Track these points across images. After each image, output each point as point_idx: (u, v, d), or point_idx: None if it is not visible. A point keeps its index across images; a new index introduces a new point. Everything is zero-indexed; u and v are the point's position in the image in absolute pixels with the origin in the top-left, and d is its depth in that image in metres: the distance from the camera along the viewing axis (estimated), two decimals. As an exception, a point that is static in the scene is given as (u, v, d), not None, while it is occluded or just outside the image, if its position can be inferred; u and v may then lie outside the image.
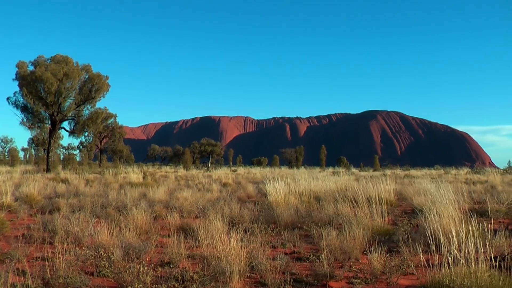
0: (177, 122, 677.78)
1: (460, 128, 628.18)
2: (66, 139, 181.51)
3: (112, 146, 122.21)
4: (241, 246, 9.73)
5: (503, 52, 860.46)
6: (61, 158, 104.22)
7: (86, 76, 75.00)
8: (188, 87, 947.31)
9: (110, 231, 12.17)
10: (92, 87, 74.76)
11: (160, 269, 9.57)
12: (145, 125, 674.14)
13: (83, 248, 11.23)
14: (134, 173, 43.57)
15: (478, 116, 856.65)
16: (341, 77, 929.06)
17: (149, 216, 15.27)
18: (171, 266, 10.27)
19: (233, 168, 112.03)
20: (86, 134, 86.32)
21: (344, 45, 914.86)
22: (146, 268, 8.82)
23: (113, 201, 21.05)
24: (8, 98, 73.79)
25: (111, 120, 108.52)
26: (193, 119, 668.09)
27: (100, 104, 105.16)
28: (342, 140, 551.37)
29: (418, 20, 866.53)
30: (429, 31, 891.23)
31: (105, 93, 76.35)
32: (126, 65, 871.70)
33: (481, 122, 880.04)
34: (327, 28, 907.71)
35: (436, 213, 11.68)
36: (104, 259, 9.76)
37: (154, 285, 8.54)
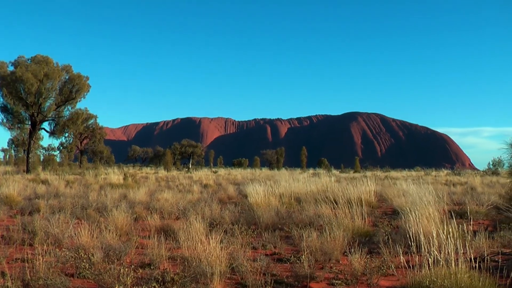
0: (158, 123, 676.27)
1: (440, 130, 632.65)
2: (46, 140, 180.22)
3: (92, 147, 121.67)
4: (221, 248, 9.73)
5: (484, 54, 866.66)
6: (41, 159, 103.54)
7: (67, 77, 74.63)
8: (169, 88, 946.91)
9: (90, 233, 12.12)
10: (72, 87, 74.41)
11: (140, 271, 9.54)
12: (126, 126, 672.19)
13: (63, 249, 11.15)
14: (114, 174, 43.50)
15: (458, 118, 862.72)
16: (322, 79, 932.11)
17: (129, 218, 15.22)
18: (152, 267, 10.25)
19: (214, 170, 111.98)
20: (67, 135, 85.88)
21: (325, 47, 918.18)
22: (126, 269, 8.78)
23: (94, 202, 21.00)
24: (-13, 99, 73.28)
25: (92, 121, 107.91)
26: (174, 120, 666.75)
27: (80, 104, 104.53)
28: (322, 141, 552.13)
29: (398, 22, 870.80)
30: (409, 33, 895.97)
31: (85, 94, 76.04)
32: (107, 66, 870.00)
33: (462, 124, 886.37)
34: (308, 30, 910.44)
35: (417, 214, 11.72)
36: (84, 261, 9.72)
37: (134, 287, 8.54)
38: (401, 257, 8.98)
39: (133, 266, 9.52)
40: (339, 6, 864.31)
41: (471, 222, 10.67)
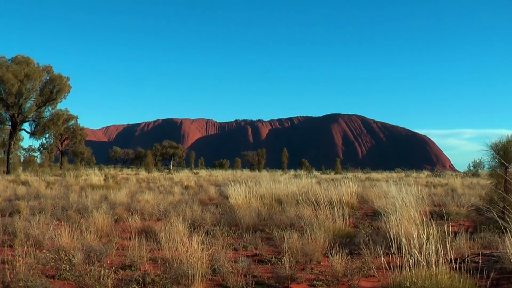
0: (139, 124, 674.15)
1: (421, 131, 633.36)
2: (26, 140, 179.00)
3: (73, 148, 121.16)
4: (202, 249, 9.71)
5: (464, 57, 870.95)
6: (22, 160, 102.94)
7: (48, 77, 74.35)
8: (151, 89, 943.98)
9: (71, 234, 12.06)
10: (53, 88, 74.12)
11: (121, 272, 9.51)
12: (107, 127, 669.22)
13: (44, 251, 11.12)
14: (95, 176, 43.27)
15: (439, 120, 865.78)
16: (303, 80, 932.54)
17: (110, 219, 15.18)
18: (133, 269, 10.22)
19: (195, 171, 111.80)
20: (47, 136, 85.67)
21: (306, 49, 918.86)
22: (107, 271, 8.76)
23: (74, 204, 20.92)
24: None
25: (72, 122, 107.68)
26: (155, 121, 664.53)
27: (61, 105, 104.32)
28: (304, 143, 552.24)
29: (378, 25, 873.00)
30: (389, 36, 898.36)
31: (66, 94, 75.79)
32: (88, 66, 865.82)
33: (443, 125, 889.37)
34: (288, 32, 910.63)
35: (397, 215, 11.75)
36: (64, 262, 9.69)
37: (115, 288, 8.49)
38: (382, 258, 8.99)
39: (113, 268, 9.50)
40: (320, 10, 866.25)
41: (452, 223, 10.73)
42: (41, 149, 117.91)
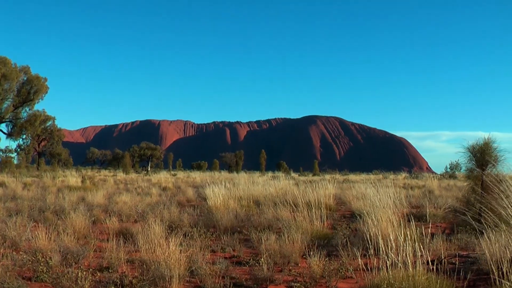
0: (116, 125, 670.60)
1: (399, 133, 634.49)
2: (3, 141, 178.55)
3: (50, 149, 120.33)
4: (180, 251, 9.72)
5: (441, 59, 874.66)
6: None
7: (25, 78, 74.10)
8: (128, 90, 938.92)
9: (48, 236, 12.03)
10: (30, 89, 73.88)
11: (98, 274, 9.51)
12: (84, 128, 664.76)
13: (20, 252, 11.07)
14: (72, 177, 43.17)
15: (417, 122, 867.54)
16: (281, 82, 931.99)
17: (87, 220, 15.14)
18: (110, 271, 10.18)
19: (173, 172, 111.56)
20: (24, 136, 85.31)
21: (284, 50, 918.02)
22: (84, 273, 8.73)
23: (51, 205, 20.84)
24: None
25: (50, 122, 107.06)
26: (132, 122, 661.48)
27: (38, 106, 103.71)
28: (282, 144, 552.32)
29: (353, 26, 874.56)
30: (367, 37, 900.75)
31: (43, 95, 75.67)
32: (65, 67, 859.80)
33: (420, 128, 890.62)
34: (265, 33, 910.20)
35: (375, 217, 11.79)
36: (41, 264, 9.63)
37: (92, 290, 8.47)
38: (360, 259, 9.03)
39: (91, 270, 9.45)
40: (297, 11, 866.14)
41: (429, 225, 10.77)
42: (18, 150, 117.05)
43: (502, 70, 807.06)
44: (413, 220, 10.58)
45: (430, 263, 8.32)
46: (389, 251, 8.44)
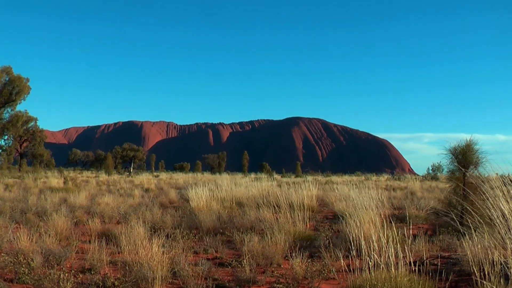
0: (99, 126, 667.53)
1: (381, 135, 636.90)
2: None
3: (32, 150, 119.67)
4: (163, 252, 9.71)
5: (424, 61, 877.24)
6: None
7: (7, 79, 73.69)
8: (111, 91, 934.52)
9: (29, 237, 11.98)
10: (12, 89, 73.51)
11: (80, 276, 9.46)
12: (67, 129, 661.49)
13: (2, 254, 10.99)
14: (54, 178, 43.09)
15: (399, 124, 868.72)
16: (264, 83, 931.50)
17: (70, 222, 15.10)
18: (92, 272, 10.14)
19: (155, 174, 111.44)
20: (6, 137, 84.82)
21: (266, 52, 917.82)
22: (66, 274, 8.71)
23: (33, 206, 20.75)
24: None
25: (32, 123, 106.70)
26: (115, 123, 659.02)
27: (20, 107, 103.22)
28: (264, 146, 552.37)
29: (336, 28, 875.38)
30: (350, 39, 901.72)
31: (25, 96, 75.28)
32: (47, 67, 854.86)
33: (403, 129, 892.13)
34: (248, 35, 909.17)
35: (357, 218, 11.82)
36: (23, 266, 9.59)
37: (74, 292, 8.44)
38: (342, 261, 9.05)
39: (73, 271, 9.44)
40: (279, 12, 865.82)
41: (411, 226, 10.79)
42: (0, 151, 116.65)
43: (484, 73, 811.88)
44: (395, 222, 10.62)
45: (412, 264, 8.35)
46: (372, 252, 8.47)
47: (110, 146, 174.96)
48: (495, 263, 7.67)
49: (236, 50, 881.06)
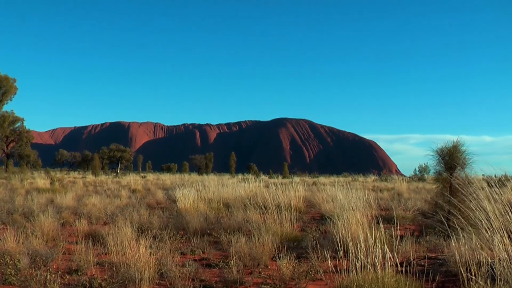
0: (86, 127, 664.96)
1: (368, 136, 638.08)
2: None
3: (19, 150, 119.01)
4: (150, 253, 9.71)
5: (411, 63, 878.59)
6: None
7: (-6, 79, 73.32)
8: (98, 92, 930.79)
9: (16, 238, 11.95)
10: (-1, 89, 73.13)
11: (67, 277, 9.44)
12: (54, 129, 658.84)
13: (-12, 255, 10.94)
14: (41, 179, 42.94)
15: (386, 125, 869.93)
16: (251, 84, 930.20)
17: (56, 223, 15.05)
18: (79, 273, 10.12)
19: (142, 174, 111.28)
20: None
21: (254, 53, 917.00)
22: (53, 275, 8.70)
23: (20, 207, 20.68)
24: None
25: (18, 124, 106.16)
26: (102, 124, 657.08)
27: (7, 107, 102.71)
28: (251, 147, 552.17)
29: (321, 30, 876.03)
30: (333, 40, 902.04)
31: (12, 96, 74.97)
32: (34, 67, 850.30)
33: (390, 131, 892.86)
34: (235, 36, 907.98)
35: (344, 219, 11.83)
36: (10, 267, 9.57)
37: (61, 293, 8.42)
38: (329, 261, 9.04)
39: (60, 272, 9.43)
40: (265, 10, 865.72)
41: (398, 227, 10.83)
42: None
43: (471, 74, 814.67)
44: (382, 223, 10.62)
45: (399, 265, 8.37)
46: (359, 253, 8.48)
47: (97, 147, 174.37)
48: (481, 264, 7.70)
49: (223, 51, 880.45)
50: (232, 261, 9.95)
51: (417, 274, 8.55)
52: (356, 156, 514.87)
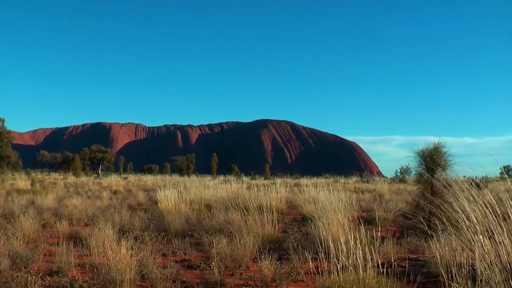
0: (67, 127, 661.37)
1: (349, 138, 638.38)
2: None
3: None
4: (131, 254, 9.68)
5: (392, 65, 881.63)
6: None
7: (-27, 80, 73.02)
8: (80, 92, 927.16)
9: (-4, 240, 11.87)
10: (-22, 90, 72.83)
11: (48, 278, 9.41)
12: (34, 130, 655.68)
13: (-32, 257, 10.88)
14: (22, 180, 42.67)
15: (368, 127, 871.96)
16: (233, 86, 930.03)
17: (37, 224, 14.95)
18: (60, 275, 10.08)
19: (123, 176, 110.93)
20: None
21: (236, 54, 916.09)
22: (34, 277, 8.66)
23: (0, 209, 20.54)
24: None
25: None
26: (83, 125, 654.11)
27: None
28: (233, 148, 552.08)
29: (304, 29, 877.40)
30: (316, 41, 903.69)
31: (-8, 97, 74.63)
32: (14, 67, 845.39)
33: (372, 132, 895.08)
34: (216, 37, 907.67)
35: (326, 221, 11.86)
36: (-10, 269, 9.51)
37: (41, 295, 8.38)
38: (310, 263, 9.05)
39: (41, 274, 9.41)
40: (247, 13, 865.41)
41: (379, 229, 10.86)
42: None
43: (453, 76, 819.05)
44: (363, 224, 10.65)
45: (380, 266, 8.39)
46: (340, 255, 8.49)
47: (78, 148, 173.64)
48: (462, 265, 7.74)
49: (205, 52, 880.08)
50: (213, 263, 9.95)
51: (398, 275, 8.57)
52: (337, 157, 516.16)
